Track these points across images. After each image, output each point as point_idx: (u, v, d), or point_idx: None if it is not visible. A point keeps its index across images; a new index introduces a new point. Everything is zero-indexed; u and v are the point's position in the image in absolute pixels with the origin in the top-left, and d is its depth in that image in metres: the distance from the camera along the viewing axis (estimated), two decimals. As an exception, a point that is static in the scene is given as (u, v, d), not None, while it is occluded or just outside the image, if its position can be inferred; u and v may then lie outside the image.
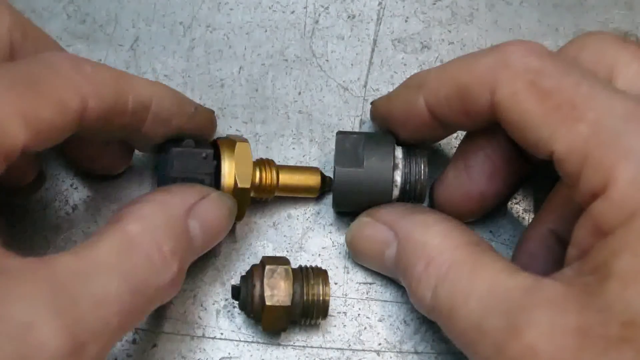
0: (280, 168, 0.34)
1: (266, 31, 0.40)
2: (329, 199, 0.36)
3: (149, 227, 0.27)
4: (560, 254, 0.29)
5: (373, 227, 0.32)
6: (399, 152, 0.33)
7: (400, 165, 0.33)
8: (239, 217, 0.33)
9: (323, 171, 0.35)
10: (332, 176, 0.34)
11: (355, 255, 0.34)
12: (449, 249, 0.28)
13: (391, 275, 0.33)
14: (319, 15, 0.40)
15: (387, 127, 0.34)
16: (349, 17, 0.40)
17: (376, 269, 0.34)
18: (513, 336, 0.24)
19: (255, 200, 0.35)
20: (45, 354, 0.22)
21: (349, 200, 0.33)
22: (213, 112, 0.35)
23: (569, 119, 0.24)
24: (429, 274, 0.28)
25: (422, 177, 0.33)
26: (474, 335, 0.26)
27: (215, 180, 0.32)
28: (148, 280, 0.26)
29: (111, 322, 0.24)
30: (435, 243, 0.29)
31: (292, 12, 0.40)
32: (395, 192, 0.33)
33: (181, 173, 0.31)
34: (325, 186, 0.34)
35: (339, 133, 0.33)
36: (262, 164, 0.33)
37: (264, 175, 0.33)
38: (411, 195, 0.33)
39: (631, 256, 0.22)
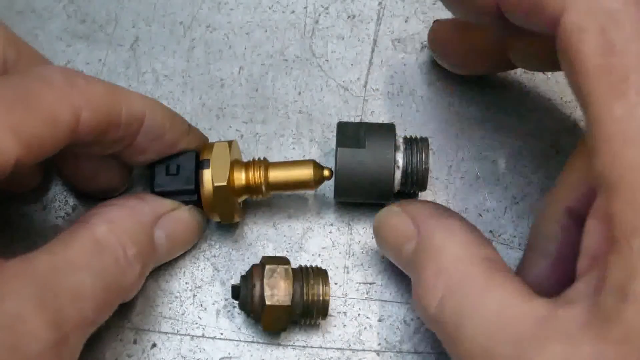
0: (270, 165, 0.33)
1: (266, 31, 0.40)
2: (329, 199, 0.36)
3: (115, 230, 0.29)
4: (577, 235, 0.28)
5: (399, 218, 0.31)
6: (400, 138, 0.33)
7: (402, 148, 0.33)
8: (228, 218, 0.33)
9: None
10: (332, 167, 0.34)
11: (378, 243, 0.34)
12: (463, 261, 0.27)
13: (406, 271, 0.33)
14: (319, 15, 0.40)
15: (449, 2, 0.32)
16: (349, 17, 0.40)
17: (394, 261, 0.33)
18: None
19: (252, 202, 0.35)
20: (35, 345, 0.24)
21: (351, 183, 0.33)
22: (207, 137, 0.35)
23: (614, 90, 0.23)
24: (437, 281, 0.27)
25: (424, 163, 0.33)
26: (479, 359, 0.25)
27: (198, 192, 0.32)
28: (116, 279, 0.28)
29: (88, 316, 0.26)
30: (451, 251, 0.28)
31: (292, 12, 0.40)
32: (397, 175, 0.33)
33: (164, 188, 0.32)
34: (324, 177, 0.33)
35: (340, 122, 0.34)
36: (251, 163, 0.33)
37: (251, 174, 0.32)
38: (413, 179, 0.33)
39: None
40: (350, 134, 0.33)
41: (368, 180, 0.32)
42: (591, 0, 0.24)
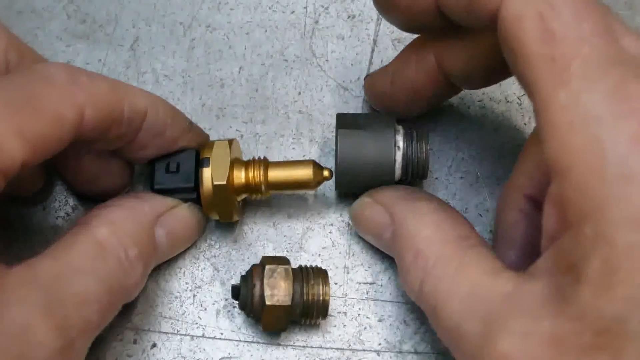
0: (270, 164, 0.33)
1: (266, 31, 0.40)
2: (329, 198, 0.36)
3: (117, 232, 0.29)
4: (539, 220, 0.29)
5: (372, 208, 0.32)
6: (399, 128, 0.33)
7: (401, 132, 0.33)
8: (227, 217, 0.33)
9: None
10: (332, 166, 0.34)
11: (359, 233, 0.35)
12: (437, 243, 0.28)
13: (391, 255, 0.33)
14: (319, 15, 0.40)
15: (387, 11, 0.31)
16: (349, 17, 0.40)
17: (379, 247, 0.34)
18: (488, 343, 0.24)
19: (251, 200, 0.35)
20: (42, 353, 0.24)
21: (352, 169, 0.32)
22: (207, 135, 0.35)
23: (557, 78, 0.23)
24: (416, 265, 0.29)
25: (424, 154, 0.33)
26: (454, 337, 0.26)
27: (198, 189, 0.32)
28: (119, 281, 0.28)
29: (93, 320, 0.26)
30: (424, 234, 0.29)
31: (292, 12, 0.40)
32: (398, 157, 0.32)
33: (163, 185, 0.32)
34: (324, 178, 0.33)
35: (339, 113, 0.34)
36: (251, 162, 0.33)
37: (250, 174, 0.32)
38: (414, 165, 0.33)
39: (601, 262, 0.21)
40: (350, 120, 0.33)
41: (369, 163, 0.32)
42: None
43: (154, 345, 0.33)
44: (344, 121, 0.33)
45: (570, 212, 0.22)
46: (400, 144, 0.33)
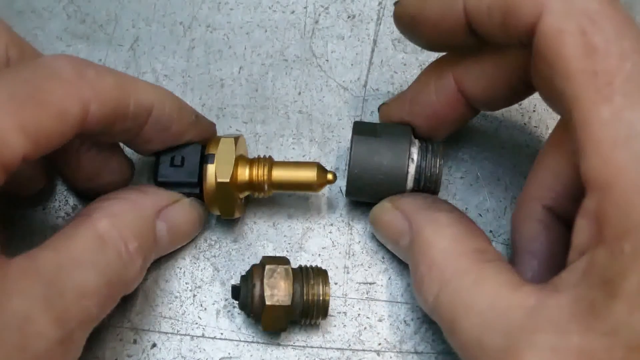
0: (275, 164, 0.33)
1: (266, 31, 0.40)
2: (330, 199, 0.36)
3: (117, 224, 0.29)
4: (561, 231, 0.29)
5: (391, 214, 0.32)
6: (416, 140, 0.33)
7: (417, 144, 0.33)
8: (229, 213, 0.33)
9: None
10: (333, 168, 0.34)
11: (377, 237, 0.35)
12: (453, 255, 0.28)
13: (407, 262, 0.33)
14: (319, 15, 0.40)
15: (411, 29, 0.31)
16: (349, 17, 0.40)
17: (395, 253, 0.34)
18: (512, 357, 0.24)
19: (253, 198, 0.35)
20: (41, 344, 0.24)
21: (364, 176, 0.33)
22: (214, 124, 0.35)
23: (600, 93, 0.23)
24: (431, 277, 0.28)
25: (438, 169, 0.33)
26: (474, 351, 0.26)
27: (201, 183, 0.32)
28: (119, 274, 0.28)
29: (92, 312, 0.26)
30: (441, 246, 0.29)
31: (292, 12, 0.40)
32: (411, 170, 0.32)
33: (167, 178, 0.32)
34: (327, 180, 0.33)
35: (356, 121, 0.34)
36: (256, 160, 0.33)
37: (254, 172, 0.32)
38: (426, 179, 0.33)
39: (639, 279, 0.21)
40: (366, 127, 0.33)
41: (382, 173, 0.32)
42: (567, 1, 0.24)
43: (154, 345, 0.33)
44: (361, 128, 0.33)
45: (609, 227, 0.22)
46: (415, 156, 0.33)
